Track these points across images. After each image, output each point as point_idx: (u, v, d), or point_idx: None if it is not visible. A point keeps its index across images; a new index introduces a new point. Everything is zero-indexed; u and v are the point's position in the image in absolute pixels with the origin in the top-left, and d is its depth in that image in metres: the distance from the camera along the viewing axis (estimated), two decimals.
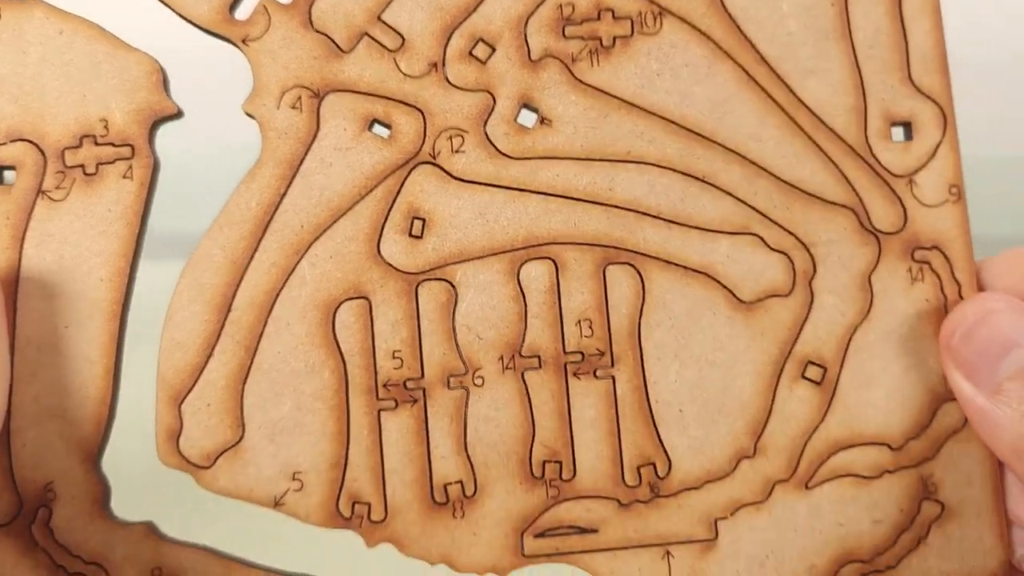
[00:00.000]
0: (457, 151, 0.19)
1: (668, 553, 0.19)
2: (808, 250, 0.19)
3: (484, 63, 0.19)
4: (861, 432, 0.19)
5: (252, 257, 0.19)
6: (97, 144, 0.19)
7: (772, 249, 0.19)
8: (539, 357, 0.19)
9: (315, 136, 0.19)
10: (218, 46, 0.20)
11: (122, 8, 0.20)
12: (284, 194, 0.19)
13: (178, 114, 0.19)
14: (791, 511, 0.19)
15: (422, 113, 0.19)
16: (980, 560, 0.19)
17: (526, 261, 0.19)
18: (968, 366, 0.18)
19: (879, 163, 0.19)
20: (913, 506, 0.19)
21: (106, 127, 0.19)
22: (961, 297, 0.19)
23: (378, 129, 0.19)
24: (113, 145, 0.19)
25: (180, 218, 0.20)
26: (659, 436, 0.19)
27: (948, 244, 0.19)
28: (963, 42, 0.20)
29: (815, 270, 0.19)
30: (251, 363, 0.19)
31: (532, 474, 0.19)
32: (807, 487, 0.19)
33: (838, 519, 0.19)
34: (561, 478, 0.19)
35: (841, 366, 0.19)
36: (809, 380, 0.19)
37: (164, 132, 0.20)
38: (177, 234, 0.20)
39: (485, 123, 0.19)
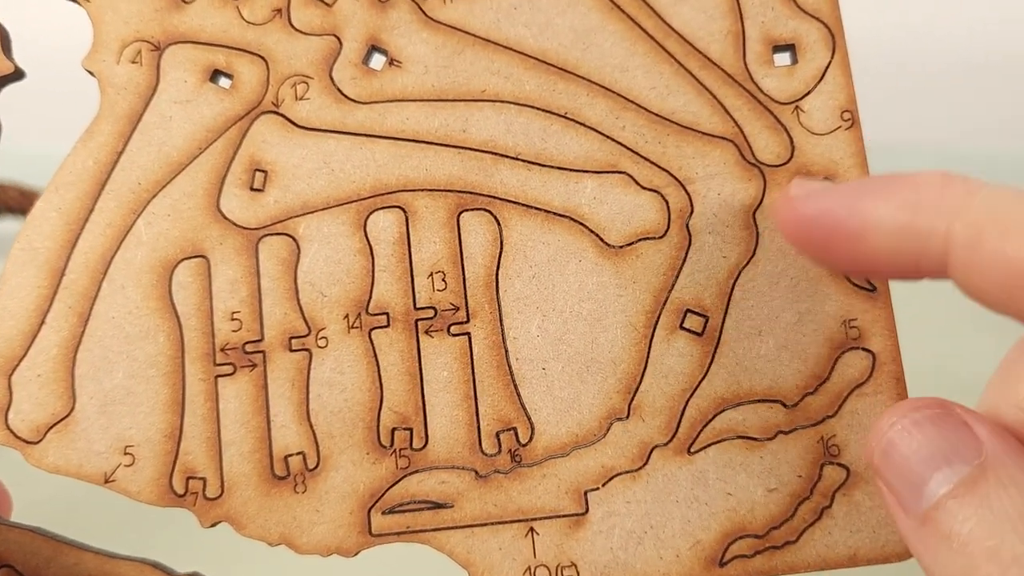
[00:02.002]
0: (301, 98, 0.18)
1: (532, 530, 0.17)
2: (684, 187, 0.17)
3: (330, 6, 0.18)
4: (750, 388, 0.17)
5: (88, 218, 0.18)
6: None
7: (643, 187, 0.17)
8: (387, 314, 0.17)
9: (155, 90, 0.18)
10: (60, 3, 0.19)
11: None
12: (122, 151, 0.18)
13: (19, 74, 0.19)
14: (672, 480, 0.17)
15: (265, 61, 0.18)
16: (895, 533, 0.16)
17: (373, 211, 0.18)
18: (893, 490, 0.14)
19: (760, 90, 0.18)
20: (813, 471, 0.17)
21: None
22: None
23: (223, 80, 0.18)
24: None
25: (24, 180, 0.19)
26: (520, 398, 0.17)
27: (842, 175, 0.17)
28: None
29: (692, 208, 0.17)
30: (84, 330, 0.18)
31: (380, 443, 0.17)
32: (689, 452, 0.17)
33: (726, 488, 0.17)
34: (412, 447, 0.17)
35: (725, 314, 0.17)
36: (689, 331, 0.17)
37: (5, 94, 0.19)
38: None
39: (331, 68, 0.18)
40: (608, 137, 0.18)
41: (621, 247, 0.17)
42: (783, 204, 0.16)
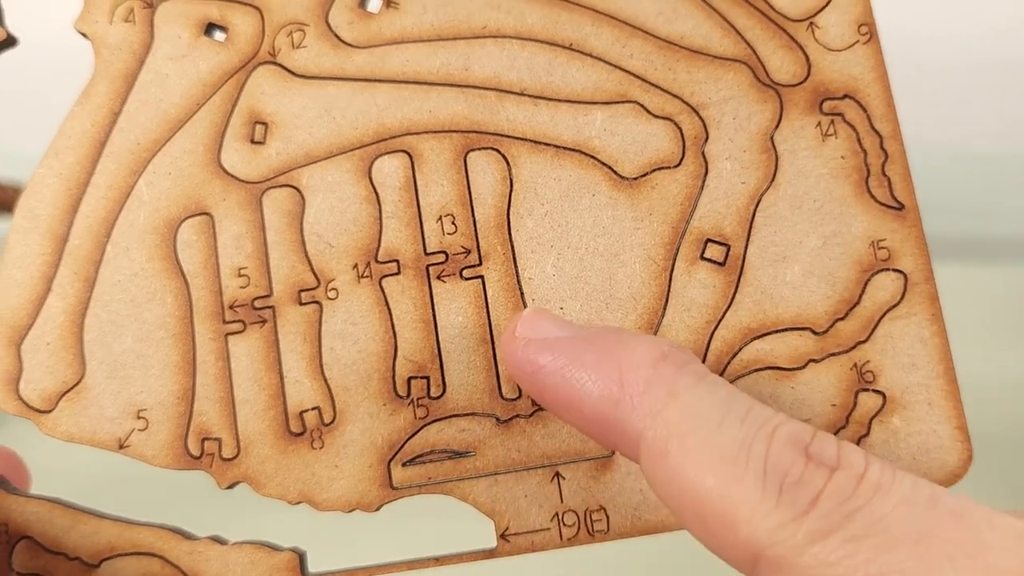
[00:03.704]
0: (298, 47, 0.18)
1: (558, 475, 0.16)
2: (697, 113, 0.17)
3: None
4: (777, 316, 0.16)
5: (88, 182, 0.18)
6: None
7: (655, 116, 0.17)
8: (397, 261, 0.17)
9: (149, 48, 0.18)
10: None
11: None
12: (119, 112, 0.18)
13: (11, 41, 0.18)
14: None
15: (259, 10, 0.18)
16: (936, 458, 0.16)
17: (378, 156, 0.17)
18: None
19: (772, 8, 0.17)
20: (848, 399, 0.16)
21: None
22: (883, 150, 0.16)
23: (217, 34, 0.18)
24: None
25: (21, 149, 0.18)
26: None
27: (863, 91, 0.16)
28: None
29: (707, 135, 0.17)
30: (90, 295, 0.17)
31: (397, 393, 0.17)
32: None
33: None
34: (429, 396, 0.17)
35: (747, 241, 0.16)
36: (710, 261, 0.16)
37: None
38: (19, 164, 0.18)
39: (327, 13, 0.18)
40: (616, 66, 0.17)
41: (635, 179, 0.17)
42: (506, 338, 0.15)
